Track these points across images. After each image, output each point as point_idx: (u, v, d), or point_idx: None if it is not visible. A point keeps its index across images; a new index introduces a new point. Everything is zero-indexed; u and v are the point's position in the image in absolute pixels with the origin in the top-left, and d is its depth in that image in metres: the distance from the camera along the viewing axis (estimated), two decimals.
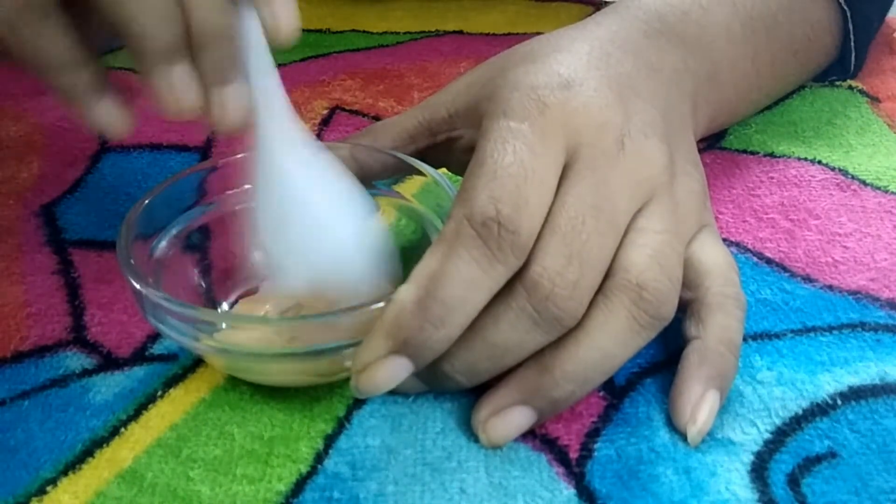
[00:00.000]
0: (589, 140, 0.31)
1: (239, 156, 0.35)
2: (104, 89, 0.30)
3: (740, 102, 0.44)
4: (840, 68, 0.50)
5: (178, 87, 0.29)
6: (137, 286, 0.30)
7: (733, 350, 0.31)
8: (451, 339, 0.28)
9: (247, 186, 0.35)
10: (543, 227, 0.29)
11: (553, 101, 0.31)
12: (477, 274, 0.28)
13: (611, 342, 0.29)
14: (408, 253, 0.35)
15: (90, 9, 0.28)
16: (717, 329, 0.31)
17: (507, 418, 0.29)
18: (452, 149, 0.37)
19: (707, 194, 0.35)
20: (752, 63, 0.43)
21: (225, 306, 0.35)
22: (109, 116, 0.31)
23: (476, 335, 0.29)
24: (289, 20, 0.30)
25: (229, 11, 0.29)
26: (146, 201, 0.33)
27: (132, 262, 0.31)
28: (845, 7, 0.46)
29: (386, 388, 0.28)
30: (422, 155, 0.37)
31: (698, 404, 0.30)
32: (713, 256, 0.33)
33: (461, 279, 0.28)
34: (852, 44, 0.48)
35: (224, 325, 0.31)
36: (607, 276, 0.30)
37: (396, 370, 0.28)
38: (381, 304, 0.28)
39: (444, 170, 0.38)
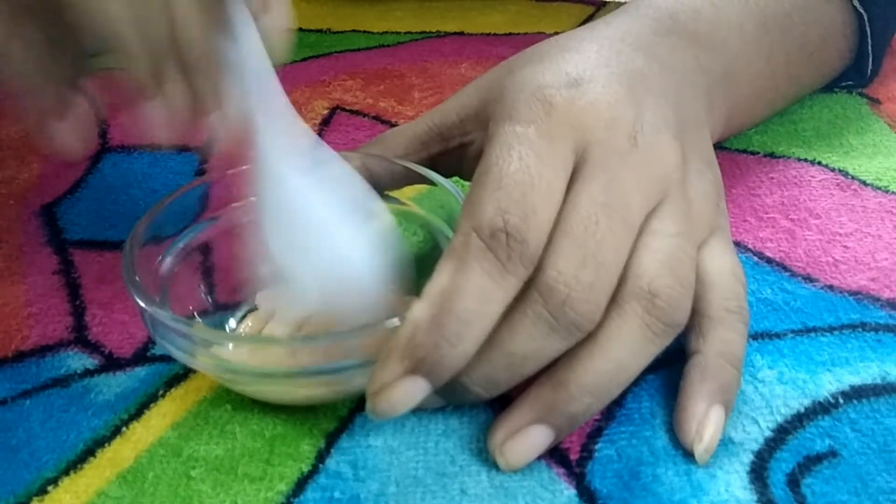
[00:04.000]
0: (599, 138, 0.30)
1: (245, 167, 0.35)
2: (64, 112, 0.30)
3: (757, 102, 0.44)
4: (856, 73, 0.49)
5: (168, 108, 0.29)
6: (144, 306, 0.29)
7: (735, 363, 0.30)
8: (467, 356, 0.27)
9: (252, 199, 0.35)
10: (556, 229, 0.28)
11: (559, 100, 0.31)
12: (489, 286, 0.27)
13: (625, 352, 0.28)
14: (413, 257, 0.35)
15: (72, 25, 0.28)
16: (718, 343, 0.30)
17: (525, 439, 0.29)
18: (465, 155, 0.36)
19: (721, 194, 0.35)
20: (766, 62, 0.42)
21: (233, 322, 0.34)
22: (64, 139, 0.30)
23: (493, 345, 0.28)
24: (284, 28, 0.30)
25: (213, 34, 0.29)
26: (152, 215, 0.33)
27: (137, 279, 0.30)
28: (861, 10, 0.45)
29: (404, 409, 0.27)
30: (434, 162, 0.36)
31: (703, 422, 0.29)
32: (719, 266, 0.32)
33: (474, 292, 0.27)
34: (869, 48, 0.47)
35: (231, 346, 0.30)
36: (619, 282, 0.29)
37: (413, 391, 0.27)
38: (391, 323, 0.28)
39: (455, 178, 0.37)
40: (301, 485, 0.29)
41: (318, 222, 0.31)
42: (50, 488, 0.29)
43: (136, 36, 0.27)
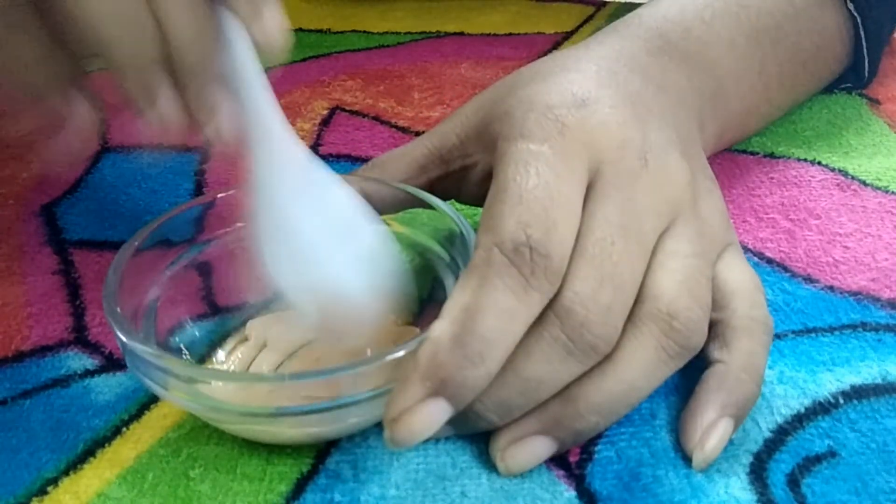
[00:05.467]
0: (611, 158, 0.30)
1: (234, 191, 0.34)
2: (65, 111, 0.29)
3: (748, 117, 0.44)
4: (854, 76, 0.49)
5: (160, 106, 0.28)
6: (123, 339, 0.28)
7: (756, 378, 0.30)
8: (490, 376, 0.27)
9: (245, 224, 0.33)
10: (572, 250, 0.28)
11: (571, 120, 0.31)
12: (512, 303, 0.27)
13: (638, 374, 0.28)
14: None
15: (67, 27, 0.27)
16: (742, 355, 0.30)
17: (527, 448, 0.28)
18: (467, 179, 0.35)
19: (727, 211, 0.35)
20: (758, 76, 0.42)
21: (221, 354, 0.33)
22: (65, 140, 0.29)
23: (508, 370, 0.27)
24: (278, 33, 0.28)
25: (206, 44, 0.28)
26: (137, 242, 0.32)
27: (118, 310, 0.29)
28: (855, 14, 0.45)
29: (424, 435, 0.26)
30: (433, 186, 0.36)
31: (709, 430, 0.29)
32: (739, 277, 0.32)
33: (497, 310, 0.27)
34: (865, 51, 0.47)
35: (213, 383, 0.29)
36: (636, 302, 0.29)
37: (435, 414, 0.26)
38: (389, 355, 0.27)
39: (451, 202, 0.36)
40: (301, 486, 0.29)
41: (314, 243, 0.29)
42: (50, 488, 0.29)
43: (126, 46, 0.27)
